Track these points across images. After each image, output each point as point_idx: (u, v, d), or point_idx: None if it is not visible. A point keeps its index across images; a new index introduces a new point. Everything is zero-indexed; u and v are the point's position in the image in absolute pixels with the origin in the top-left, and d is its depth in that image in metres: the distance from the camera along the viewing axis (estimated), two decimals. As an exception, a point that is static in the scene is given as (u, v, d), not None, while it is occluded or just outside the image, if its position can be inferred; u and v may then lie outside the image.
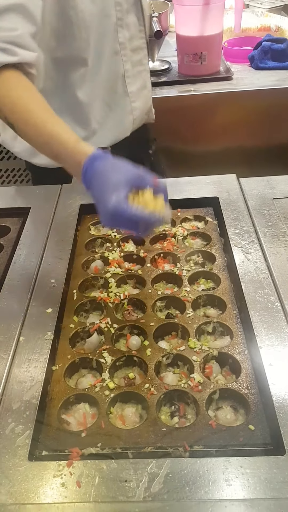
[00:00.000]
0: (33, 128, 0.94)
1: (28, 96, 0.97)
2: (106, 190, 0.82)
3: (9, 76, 0.97)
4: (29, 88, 0.98)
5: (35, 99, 0.97)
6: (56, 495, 0.67)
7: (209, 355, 0.88)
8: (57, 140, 0.91)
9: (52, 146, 0.92)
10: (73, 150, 0.89)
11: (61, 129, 0.92)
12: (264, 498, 0.65)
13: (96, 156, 0.87)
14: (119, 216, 0.80)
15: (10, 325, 0.94)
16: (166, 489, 0.67)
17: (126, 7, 1.26)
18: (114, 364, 0.88)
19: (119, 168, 0.86)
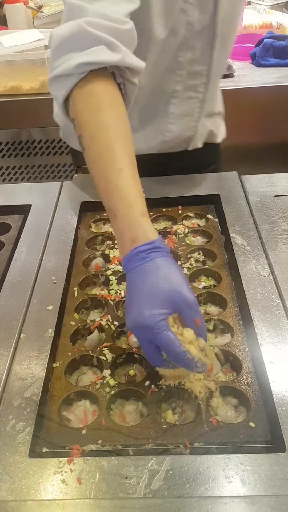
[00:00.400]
0: (104, 170, 0.81)
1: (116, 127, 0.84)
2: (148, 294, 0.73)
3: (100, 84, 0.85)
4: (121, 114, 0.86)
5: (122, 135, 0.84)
6: (57, 492, 0.67)
7: (210, 352, 0.88)
8: (121, 200, 0.79)
9: (113, 201, 0.79)
10: (133, 224, 0.77)
11: (133, 190, 0.79)
12: (264, 495, 0.65)
13: (156, 247, 0.76)
14: (151, 333, 0.71)
15: (11, 322, 0.95)
16: (166, 485, 0.67)
17: (198, 28, 1.12)
18: (114, 361, 0.88)
19: (175, 278, 0.75)
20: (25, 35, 2.18)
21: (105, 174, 0.81)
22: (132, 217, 0.78)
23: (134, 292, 0.75)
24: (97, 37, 0.84)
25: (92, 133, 0.84)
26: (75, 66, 0.84)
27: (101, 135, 0.83)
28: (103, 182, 0.81)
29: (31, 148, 2.24)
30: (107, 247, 1.17)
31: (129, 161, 0.81)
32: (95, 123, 0.84)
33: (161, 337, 0.71)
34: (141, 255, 0.75)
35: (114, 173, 0.80)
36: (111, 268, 1.09)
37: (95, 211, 1.30)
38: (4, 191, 1.42)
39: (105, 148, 0.82)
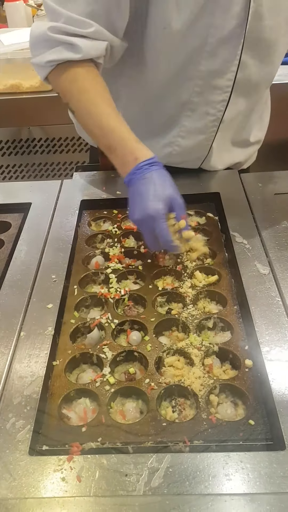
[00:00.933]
0: (96, 119, 1.04)
1: (95, 89, 1.05)
2: (152, 195, 0.96)
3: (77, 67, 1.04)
4: (96, 80, 1.05)
5: (101, 93, 1.05)
6: (57, 490, 0.67)
7: (210, 350, 0.88)
8: (118, 135, 1.01)
9: (110, 139, 1.02)
10: (132, 147, 1.00)
11: (123, 127, 1.02)
12: (264, 492, 0.65)
13: (155, 162, 1.00)
14: (152, 223, 0.96)
15: (11, 320, 0.95)
16: (166, 483, 0.67)
17: (223, 35, 1.05)
18: (114, 359, 0.88)
19: (169, 184, 1.00)
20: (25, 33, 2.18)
21: (98, 123, 1.04)
22: (130, 145, 1.01)
23: (141, 193, 0.98)
24: (56, 40, 1.03)
25: (77, 98, 1.06)
26: (45, 62, 1.05)
27: (84, 96, 1.05)
28: (98, 129, 1.04)
29: (31, 147, 2.24)
30: (107, 245, 1.17)
31: (112, 109, 1.04)
32: (77, 89, 1.06)
33: (160, 226, 0.96)
34: (144, 167, 0.98)
35: (105, 119, 1.03)
36: (111, 266, 1.09)
37: (95, 209, 1.30)
38: (4, 189, 1.42)
39: (91, 105, 1.05)
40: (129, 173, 1.00)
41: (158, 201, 0.96)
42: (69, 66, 1.05)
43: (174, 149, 1.28)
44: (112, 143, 1.02)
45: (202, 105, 1.18)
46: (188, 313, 0.96)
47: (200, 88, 1.15)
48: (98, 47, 1.03)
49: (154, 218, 0.95)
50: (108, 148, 1.03)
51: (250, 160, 1.47)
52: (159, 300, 1.01)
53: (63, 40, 1.02)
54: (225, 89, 1.15)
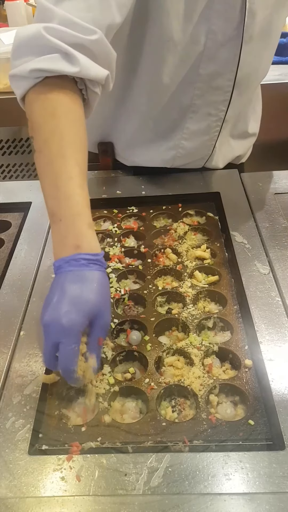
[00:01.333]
0: (54, 176, 0.81)
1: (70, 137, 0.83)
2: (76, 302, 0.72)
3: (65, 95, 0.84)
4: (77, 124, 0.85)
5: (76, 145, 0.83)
6: (56, 489, 0.67)
7: (210, 350, 0.88)
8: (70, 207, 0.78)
9: (60, 207, 0.79)
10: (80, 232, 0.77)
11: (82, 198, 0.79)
12: (263, 492, 0.65)
13: (98, 260, 0.77)
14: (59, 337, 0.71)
15: (11, 319, 0.95)
16: (165, 483, 0.67)
17: (221, 39, 1.05)
18: (114, 359, 0.88)
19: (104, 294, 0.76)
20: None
21: (55, 181, 0.80)
22: (79, 226, 0.78)
23: (67, 292, 0.73)
24: (53, 45, 0.82)
25: (45, 138, 0.83)
26: (30, 71, 0.83)
27: (54, 141, 0.82)
28: (52, 188, 0.81)
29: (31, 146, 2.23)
30: (107, 245, 1.17)
31: (79, 170, 0.81)
32: (50, 129, 0.83)
33: (69, 348, 0.71)
34: (81, 261, 0.75)
35: (65, 181, 0.79)
36: (110, 266, 1.09)
37: (95, 209, 1.30)
38: (4, 189, 1.42)
39: (57, 155, 0.81)
40: (61, 258, 0.76)
41: (81, 313, 0.72)
42: (51, 88, 0.84)
43: (179, 151, 1.27)
44: (59, 212, 0.79)
45: (204, 107, 1.17)
46: (188, 312, 0.96)
47: (200, 90, 1.14)
48: (99, 70, 0.87)
49: (66, 334, 0.71)
50: (53, 215, 0.79)
51: (248, 153, 1.47)
52: (159, 299, 1.01)
53: (61, 48, 0.82)
54: (226, 88, 1.14)
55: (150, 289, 1.02)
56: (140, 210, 1.27)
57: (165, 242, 1.16)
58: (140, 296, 1.01)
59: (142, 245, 1.15)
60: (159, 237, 1.19)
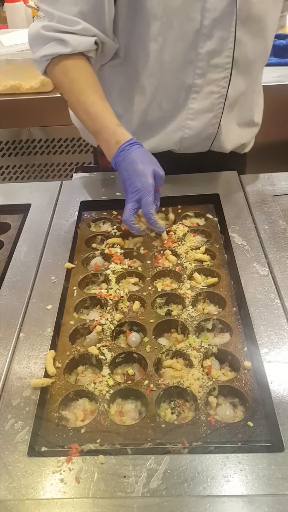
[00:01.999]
0: (83, 106, 1.14)
1: (84, 79, 1.16)
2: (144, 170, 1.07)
3: (69, 60, 1.15)
4: (85, 71, 1.16)
5: (89, 82, 1.15)
6: (55, 491, 0.67)
7: (209, 351, 0.88)
8: (101, 120, 1.12)
9: (95, 124, 1.13)
10: (114, 131, 1.11)
11: (106, 112, 1.13)
12: (262, 494, 0.65)
13: (134, 142, 1.10)
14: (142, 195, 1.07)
15: (10, 321, 0.95)
16: (164, 485, 0.67)
17: (216, 15, 1.11)
18: (113, 360, 0.88)
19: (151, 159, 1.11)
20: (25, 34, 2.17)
21: (85, 109, 1.15)
22: (112, 128, 1.12)
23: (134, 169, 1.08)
24: (48, 37, 1.15)
25: (68, 88, 1.17)
26: (41, 57, 1.18)
27: (74, 86, 1.16)
28: (85, 115, 1.15)
29: (31, 147, 2.24)
30: (107, 247, 1.17)
31: (98, 96, 1.15)
32: (68, 80, 1.17)
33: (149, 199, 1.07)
34: (126, 148, 1.09)
35: (90, 105, 1.13)
36: (110, 267, 1.09)
37: (94, 211, 1.30)
38: (3, 190, 1.42)
39: (80, 93, 1.15)
40: (113, 155, 1.10)
41: (147, 176, 1.07)
42: (61, 59, 1.16)
43: (185, 132, 1.31)
44: (97, 128, 1.13)
45: (205, 85, 1.23)
46: (187, 314, 0.96)
47: (201, 69, 1.20)
48: (86, 42, 1.13)
49: (146, 191, 1.06)
50: (95, 132, 1.14)
51: (251, 143, 1.51)
52: (158, 301, 1.01)
53: (55, 37, 1.13)
54: (226, 66, 1.21)
55: (149, 291, 1.02)
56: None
57: (164, 244, 1.16)
58: (139, 298, 1.01)
59: (142, 247, 1.15)
60: (158, 239, 1.19)
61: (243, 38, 1.17)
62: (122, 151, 1.09)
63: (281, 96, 1.98)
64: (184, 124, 1.29)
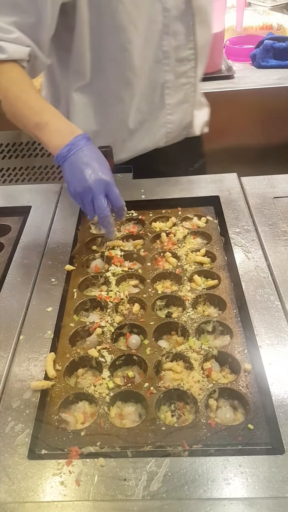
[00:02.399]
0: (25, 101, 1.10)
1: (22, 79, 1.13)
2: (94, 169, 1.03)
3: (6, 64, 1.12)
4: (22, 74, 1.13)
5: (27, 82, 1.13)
6: (56, 494, 0.67)
7: (209, 354, 0.88)
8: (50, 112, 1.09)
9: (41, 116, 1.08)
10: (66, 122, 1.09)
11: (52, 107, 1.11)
12: (263, 497, 0.65)
13: (88, 137, 1.07)
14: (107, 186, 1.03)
15: (10, 323, 0.95)
16: (165, 488, 0.67)
17: (175, 14, 1.19)
18: (113, 363, 0.88)
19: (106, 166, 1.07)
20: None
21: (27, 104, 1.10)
22: (63, 119, 1.09)
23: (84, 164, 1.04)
24: None
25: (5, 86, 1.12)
26: None
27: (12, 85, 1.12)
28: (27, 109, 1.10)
29: (32, 150, 2.24)
30: (107, 249, 1.17)
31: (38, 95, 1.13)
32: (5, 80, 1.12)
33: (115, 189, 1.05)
34: (82, 140, 1.06)
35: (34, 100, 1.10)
36: (110, 269, 1.09)
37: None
38: (4, 193, 1.42)
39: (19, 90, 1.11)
40: (67, 144, 1.04)
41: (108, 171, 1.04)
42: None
43: (168, 127, 1.39)
44: (43, 119, 1.08)
45: (176, 79, 1.31)
46: (188, 316, 0.96)
47: (169, 66, 1.27)
48: (21, 51, 1.13)
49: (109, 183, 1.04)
50: (38, 124, 1.07)
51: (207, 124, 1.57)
52: (158, 303, 1.01)
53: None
54: (190, 57, 1.29)
55: (149, 293, 1.02)
56: (140, 214, 1.28)
57: (164, 246, 1.16)
58: (139, 300, 1.01)
59: (142, 249, 1.15)
60: (158, 241, 1.19)
61: (198, 29, 1.25)
62: (78, 141, 1.05)
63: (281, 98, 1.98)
64: (166, 120, 1.37)
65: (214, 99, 1.94)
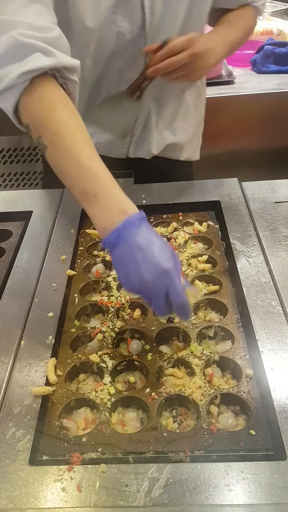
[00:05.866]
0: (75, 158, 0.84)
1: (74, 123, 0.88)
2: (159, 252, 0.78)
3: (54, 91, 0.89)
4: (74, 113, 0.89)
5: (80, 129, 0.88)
6: (57, 500, 0.67)
7: (210, 359, 0.88)
8: (101, 181, 0.83)
9: (91, 184, 0.83)
10: (119, 198, 0.82)
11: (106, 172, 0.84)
12: (265, 503, 0.65)
13: (144, 217, 0.82)
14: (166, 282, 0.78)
15: (11, 329, 0.95)
16: (166, 494, 0.66)
17: (129, 37, 1.15)
18: (115, 368, 0.88)
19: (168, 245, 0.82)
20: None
21: (77, 163, 0.84)
22: (115, 193, 0.83)
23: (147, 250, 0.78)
24: (31, 46, 0.86)
25: (54, 130, 0.86)
26: (18, 76, 0.85)
27: (63, 131, 0.85)
28: (76, 170, 0.84)
29: (33, 155, 2.24)
30: (108, 254, 1.17)
31: (93, 149, 0.86)
32: (55, 120, 0.86)
33: (177, 284, 0.78)
34: (135, 222, 0.80)
35: (87, 160, 0.84)
36: (112, 274, 1.09)
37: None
38: (5, 198, 1.42)
39: (71, 141, 0.85)
40: (117, 228, 0.79)
41: (168, 257, 0.79)
42: (43, 87, 0.88)
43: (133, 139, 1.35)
44: (92, 189, 0.82)
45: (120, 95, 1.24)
46: (189, 322, 0.96)
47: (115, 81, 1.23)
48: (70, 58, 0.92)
49: (170, 275, 0.78)
50: (86, 194, 0.83)
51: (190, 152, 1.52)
52: (159, 308, 1.01)
53: (37, 46, 0.86)
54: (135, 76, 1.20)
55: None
56: (141, 219, 1.27)
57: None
58: (141, 305, 1.01)
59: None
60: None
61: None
62: (130, 223, 0.79)
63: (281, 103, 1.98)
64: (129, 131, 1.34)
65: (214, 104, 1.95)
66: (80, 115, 0.91)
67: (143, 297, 0.85)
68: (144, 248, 0.78)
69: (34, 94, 0.87)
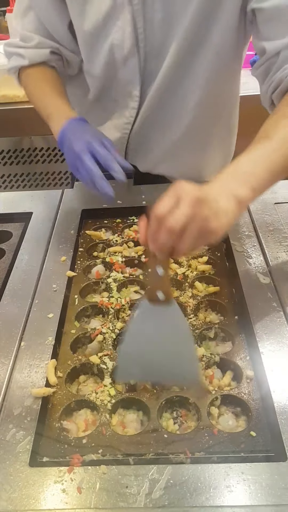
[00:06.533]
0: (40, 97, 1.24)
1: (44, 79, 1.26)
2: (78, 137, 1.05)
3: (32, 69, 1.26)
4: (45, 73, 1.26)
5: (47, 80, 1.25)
6: (57, 501, 0.67)
7: (211, 360, 0.88)
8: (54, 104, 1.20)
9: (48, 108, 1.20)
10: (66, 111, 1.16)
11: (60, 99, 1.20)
12: (265, 504, 0.65)
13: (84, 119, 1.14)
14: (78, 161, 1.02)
15: (11, 330, 0.95)
16: (167, 495, 0.66)
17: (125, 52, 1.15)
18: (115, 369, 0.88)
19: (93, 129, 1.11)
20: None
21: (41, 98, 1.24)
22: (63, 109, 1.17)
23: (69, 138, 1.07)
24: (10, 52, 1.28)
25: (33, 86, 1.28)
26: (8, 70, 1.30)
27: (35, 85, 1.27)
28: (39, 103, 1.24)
29: (33, 156, 2.25)
30: (108, 255, 1.17)
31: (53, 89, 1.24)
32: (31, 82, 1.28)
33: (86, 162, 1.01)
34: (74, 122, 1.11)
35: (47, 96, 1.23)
36: (112, 275, 1.09)
37: (96, 219, 1.31)
38: (5, 199, 1.42)
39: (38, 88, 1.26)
40: (61, 129, 1.10)
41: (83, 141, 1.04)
42: (26, 69, 1.27)
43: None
44: (49, 111, 1.18)
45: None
46: (189, 323, 0.96)
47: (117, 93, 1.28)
48: (42, 54, 1.24)
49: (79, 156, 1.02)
50: (48, 116, 1.19)
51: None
52: (160, 309, 1.01)
53: (14, 52, 1.27)
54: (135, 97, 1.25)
55: (151, 299, 1.02)
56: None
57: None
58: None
59: (143, 255, 1.15)
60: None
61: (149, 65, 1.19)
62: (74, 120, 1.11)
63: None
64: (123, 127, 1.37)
65: (214, 105, 1.95)
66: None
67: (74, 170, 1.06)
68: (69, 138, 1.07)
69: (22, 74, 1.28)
